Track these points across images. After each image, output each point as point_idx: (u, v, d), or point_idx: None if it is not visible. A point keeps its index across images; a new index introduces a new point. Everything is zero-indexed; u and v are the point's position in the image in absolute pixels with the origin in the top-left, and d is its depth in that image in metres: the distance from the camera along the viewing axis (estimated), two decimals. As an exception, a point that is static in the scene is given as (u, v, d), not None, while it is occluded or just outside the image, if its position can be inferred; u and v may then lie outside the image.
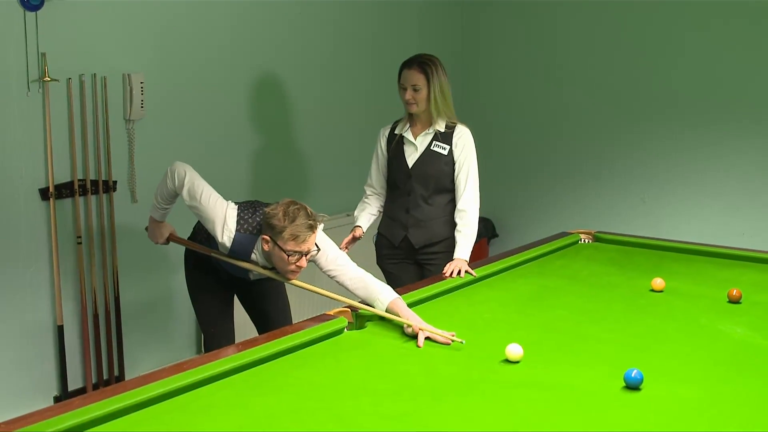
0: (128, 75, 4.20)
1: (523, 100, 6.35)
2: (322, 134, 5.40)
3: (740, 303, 3.23)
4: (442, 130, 3.72)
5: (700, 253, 4.01)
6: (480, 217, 6.28)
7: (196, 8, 4.51)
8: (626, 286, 3.48)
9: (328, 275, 3.14)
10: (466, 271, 3.48)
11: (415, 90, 3.66)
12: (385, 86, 4.07)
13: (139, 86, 4.21)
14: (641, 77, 5.76)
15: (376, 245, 3.95)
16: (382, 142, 3.88)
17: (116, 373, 4.32)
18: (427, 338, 2.76)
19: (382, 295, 2.95)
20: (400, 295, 3.00)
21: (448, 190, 3.76)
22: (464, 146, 3.72)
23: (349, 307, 2.99)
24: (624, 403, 2.30)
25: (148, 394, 2.24)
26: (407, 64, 3.72)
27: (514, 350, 2.58)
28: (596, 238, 4.28)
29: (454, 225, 3.71)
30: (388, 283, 3.18)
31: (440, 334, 2.75)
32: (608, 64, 5.90)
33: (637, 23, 5.74)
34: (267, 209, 3.02)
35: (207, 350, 3.49)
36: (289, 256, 2.96)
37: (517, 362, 2.57)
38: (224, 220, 3.13)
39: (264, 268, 3.19)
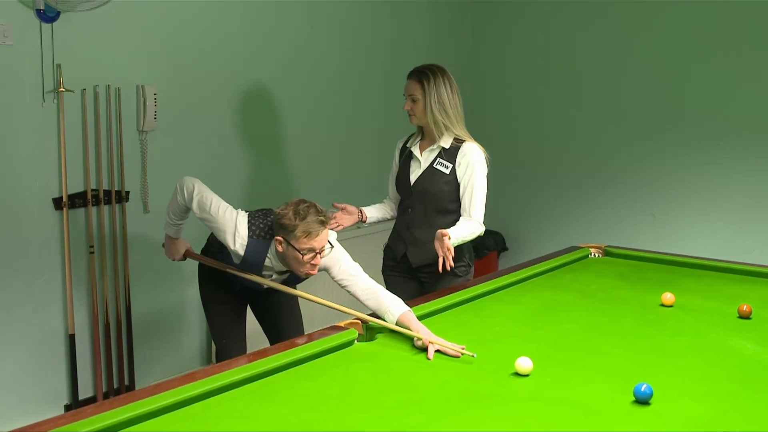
0: (142, 86, 4.23)
1: (534, 113, 6.37)
2: (333, 144, 5.43)
3: (750, 319, 3.22)
4: (447, 146, 3.58)
5: (710, 269, 3.99)
6: (489, 231, 6.32)
7: (209, 21, 4.55)
8: (636, 301, 3.47)
9: (340, 285, 3.15)
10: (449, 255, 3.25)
11: (413, 101, 3.57)
12: (394, 95, 4.08)
13: (152, 98, 4.25)
14: (652, 93, 5.77)
15: (384, 254, 3.91)
16: (396, 154, 3.82)
17: (126, 382, 4.34)
18: (437, 351, 2.76)
19: (392, 307, 2.95)
20: (409, 307, 3.01)
21: (449, 210, 3.61)
22: (468, 165, 3.54)
23: (359, 319, 2.99)
24: (633, 418, 2.30)
25: (159, 403, 2.24)
26: (408, 74, 3.63)
27: (523, 364, 2.58)
28: (606, 253, 4.28)
29: None
30: None
31: (450, 347, 2.75)
32: (619, 78, 5.91)
33: (648, 39, 5.76)
34: (277, 210, 3.05)
35: (218, 360, 3.50)
36: (303, 254, 2.99)
37: (527, 376, 2.57)
38: (235, 227, 3.15)
39: (280, 279, 3.21)
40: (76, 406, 4.09)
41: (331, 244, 3.08)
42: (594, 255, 4.27)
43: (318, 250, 3.01)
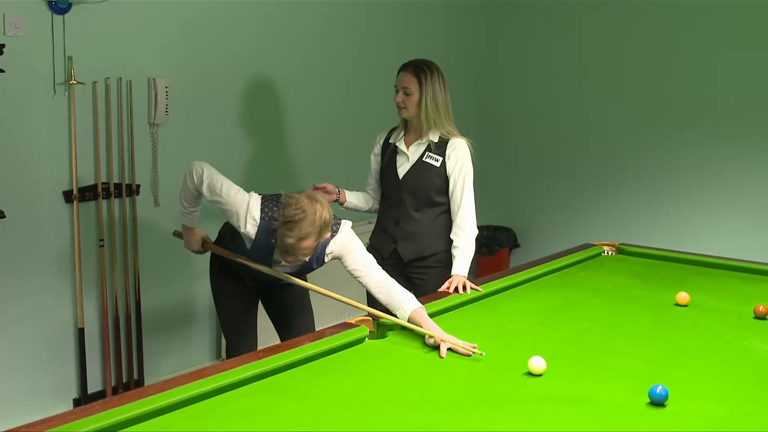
0: (153, 79, 4.21)
1: (548, 109, 6.32)
2: (346, 140, 5.39)
3: (766, 319, 3.18)
4: (436, 140, 3.58)
5: (725, 268, 3.96)
6: (502, 227, 6.33)
7: (221, 15, 4.52)
8: (650, 300, 3.44)
9: (353, 275, 3.12)
10: (471, 287, 3.36)
11: (407, 94, 3.55)
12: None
13: (164, 91, 4.22)
14: (667, 89, 5.72)
15: None
16: (377, 148, 3.80)
17: (135, 376, 4.32)
18: (449, 349, 2.74)
19: (405, 303, 2.93)
20: (422, 304, 2.98)
21: (438, 203, 3.61)
22: (458, 159, 3.56)
23: (371, 315, 2.97)
24: (648, 419, 2.27)
25: (168, 400, 2.23)
26: (403, 67, 3.62)
27: (537, 363, 2.55)
28: (620, 251, 4.25)
29: (445, 239, 3.59)
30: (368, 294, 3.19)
31: (462, 345, 2.73)
32: (635, 74, 5.85)
33: (667, 36, 5.70)
34: (284, 194, 2.96)
35: (229, 356, 3.48)
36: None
37: (540, 375, 2.54)
38: (247, 209, 3.10)
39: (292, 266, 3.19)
40: (85, 400, 4.08)
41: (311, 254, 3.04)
42: (607, 253, 4.23)
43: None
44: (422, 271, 3.66)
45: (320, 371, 2.57)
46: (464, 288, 3.35)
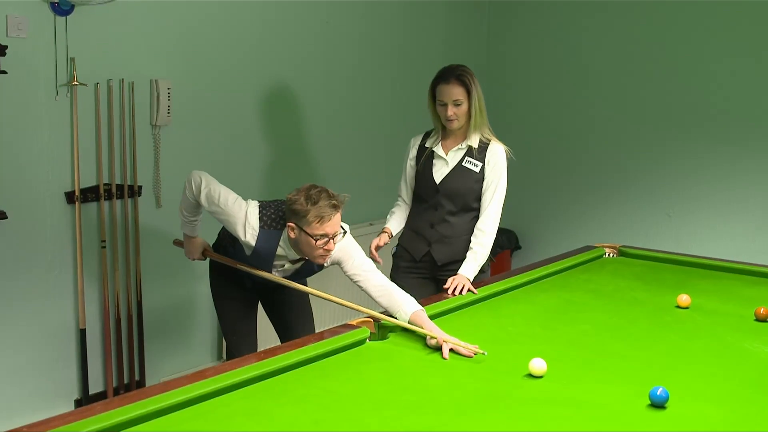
0: (155, 81, 4.21)
1: (549, 112, 6.32)
2: (347, 142, 5.40)
3: (767, 322, 3.18)
4: (476, 145, 3.58)
5: (726, 270, 3.95)
6: (503, 229, 6.30)
7: (223, 16, 4.53)
8: (651, 302, 3.44)
9: (352, 279, 3.13)
10: (468, 289, 3.37)
11: (457, 105, 3.50)
12: (410, 94, 4.03)
13: (166, 92, 4.23)
14: (669, 91, 5.72)
15: (394, 257, 3.83)
16: (412, 152, 3.75)
17: (137, 377, 4.33)
18: (451, 350, 2.74)
19: (405, 306, 2.93)
20: (422, 306, 2.98)
21: (474, 208, 3.62)
22: (496, 164, 3.57)
23: (372, 317, 2.97)
24: (649, 421, 2.27)
25: (169, 400, 2.23)
26: (444, 79, 3.53)
27: (537, 365, 2.55)
28: (621, 253, 4.25)
29: None
30: None
31: (464, 346, 2.73)
32: (636, 76, 5.85)
33: (668, 38, 5.70)
34: (288, 196, 3.01)
35: (229, 357, 3.48)
36: (316, 240, 2.95)
37: (541, 377, 2.54)
38: (245, 218, 3.12)
39: (293, 269, 3.18)
40: (87, 401, 4.08)
41: (344, 229, 3.05)
42: (608, 255, 4.24)
43: (331, 236, 2.98)
44: (454, 274, 3.60)
45: (321, 373, 2.57)
46: (461, 290, 3.36)
